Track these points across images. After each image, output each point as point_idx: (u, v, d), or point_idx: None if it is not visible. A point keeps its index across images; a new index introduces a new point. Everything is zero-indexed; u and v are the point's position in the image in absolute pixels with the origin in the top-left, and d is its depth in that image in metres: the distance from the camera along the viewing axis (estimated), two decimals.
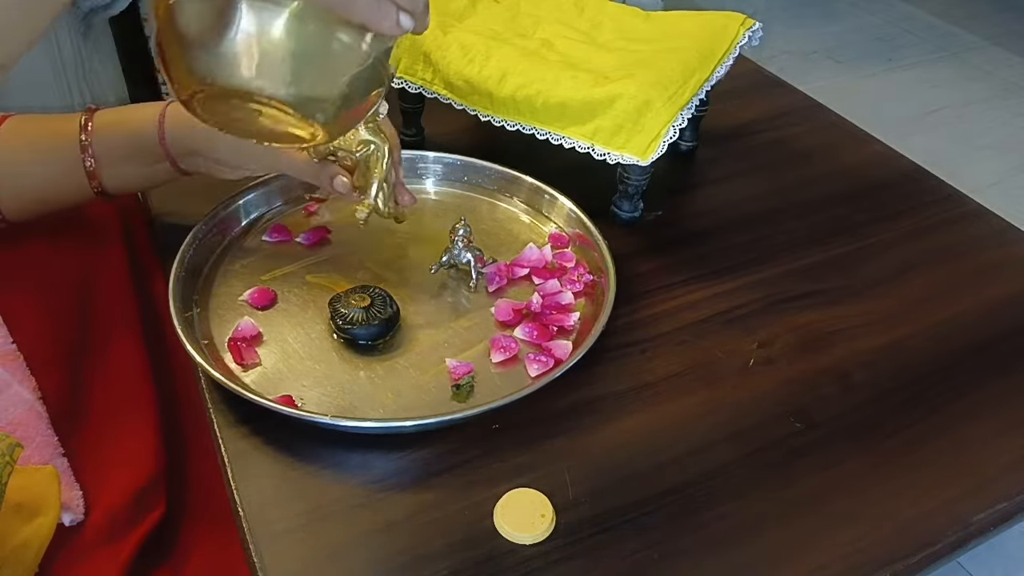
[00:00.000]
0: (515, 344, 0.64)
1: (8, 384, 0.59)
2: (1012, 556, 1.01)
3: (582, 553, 0.52)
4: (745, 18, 0.82)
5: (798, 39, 2.29)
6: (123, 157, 0.64)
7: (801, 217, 0.82)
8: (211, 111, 0.51)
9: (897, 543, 0.54)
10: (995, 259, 0.78)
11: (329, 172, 0.64)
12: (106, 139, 0.63)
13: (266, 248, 0.73)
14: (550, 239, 0.76)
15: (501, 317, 0.67)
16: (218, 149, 0.65)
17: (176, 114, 0.64)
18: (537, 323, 0.67)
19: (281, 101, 0.48)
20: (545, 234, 0.76)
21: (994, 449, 0.61)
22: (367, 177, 0.65)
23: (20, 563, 0.53)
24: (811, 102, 1.01)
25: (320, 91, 0.50)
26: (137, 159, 0.65)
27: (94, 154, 0.63)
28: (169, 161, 0.65)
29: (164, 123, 0.63)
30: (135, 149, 0.64)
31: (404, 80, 0.82)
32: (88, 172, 0.63)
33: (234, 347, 0.63)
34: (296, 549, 0.52)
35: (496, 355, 0.64)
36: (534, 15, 0.84)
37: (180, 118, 0.64)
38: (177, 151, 0.65)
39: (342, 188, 0.64)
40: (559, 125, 0.75)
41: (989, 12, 2.48)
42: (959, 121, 1.97)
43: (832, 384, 0.64)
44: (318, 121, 0.50)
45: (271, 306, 0.67)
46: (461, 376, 0.62)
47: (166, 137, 0.64)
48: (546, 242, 0.75)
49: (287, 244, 0.74)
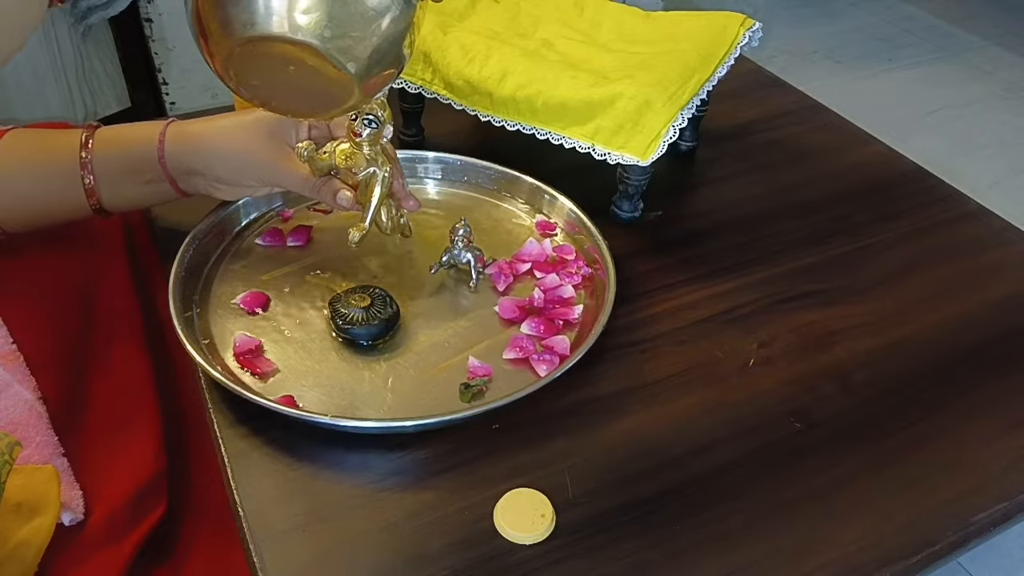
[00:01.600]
0: (532, 345, 0.64)
1: (8, 384, 0.59)
2: (1012, 556, 1.01)
3: (582, 553, 0.52)
4: (745, 18, 0.82)
5: (798, 39, 2.29)
6: (122, 175, 0.64)
7: (801, 217, 0.82)
8: (246, 75, 0.52)
9: (897, 543, 0.54)
10: (995, 259, 0.78)
11: (331, 187, 0.64)
12: (106, 156, 0.63)
13: (266, 248, 0.73)
14: (537, 227, 0.76)
15: (507, 315, 0.67)
16: (216, 168, 0.65)
17: (176, 133, 0.64)
18: (542, 318, 0.67)
19: (316, 46, 0.50)
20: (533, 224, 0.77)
21: (994, 449, 0.61)
22: (365, 199, 0.65)
23: (20, 562, 0.53)
24: (811, 102, 1.01)
25: (354, 34, 0.51)
26: (136, 177, 0.65)
27: (93, 171, 0.63)
28: (168, 181, 0.65)
29: (164, 142, 0.63)
30: (134, 167, 0.64)
31: (404, 80, 0.82)
32: (87, 189, 0.63)
33: (245, 362, 0.63)
34: (296, 549, 0.52)
35: (509, 352, 0.64)
36: (534, 15, 0.84)
37: (180, 136, 0.64)
38: (176, 171, 0.65)
39: (345, 203, 0.64)
40: (559, 125, 0.75)
41: (989, 12, 2.48)
42: (959, 121, 1.96)
43: (832, 384, 0.64)
44: (350, 71, 0.52)
45: (266, 307, 0.67)
46: (477, 376, 0.62)
47: (165, 155, 0.63)
48: (540, 234, 0.76)
49: (279, 246, 0.74)
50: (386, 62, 0.54)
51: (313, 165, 0.63)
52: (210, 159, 0.64)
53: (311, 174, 0.64)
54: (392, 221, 0.67)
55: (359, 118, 0.61)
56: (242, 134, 0.64)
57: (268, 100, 0.56)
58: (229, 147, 0.64)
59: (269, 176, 0.65)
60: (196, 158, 0.64)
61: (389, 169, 0.64)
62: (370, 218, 0.64)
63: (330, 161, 0.64)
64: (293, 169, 0.64)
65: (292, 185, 0.65)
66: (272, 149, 0.64)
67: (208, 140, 0.64)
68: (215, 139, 0.64)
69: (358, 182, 0.64)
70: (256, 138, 0.64)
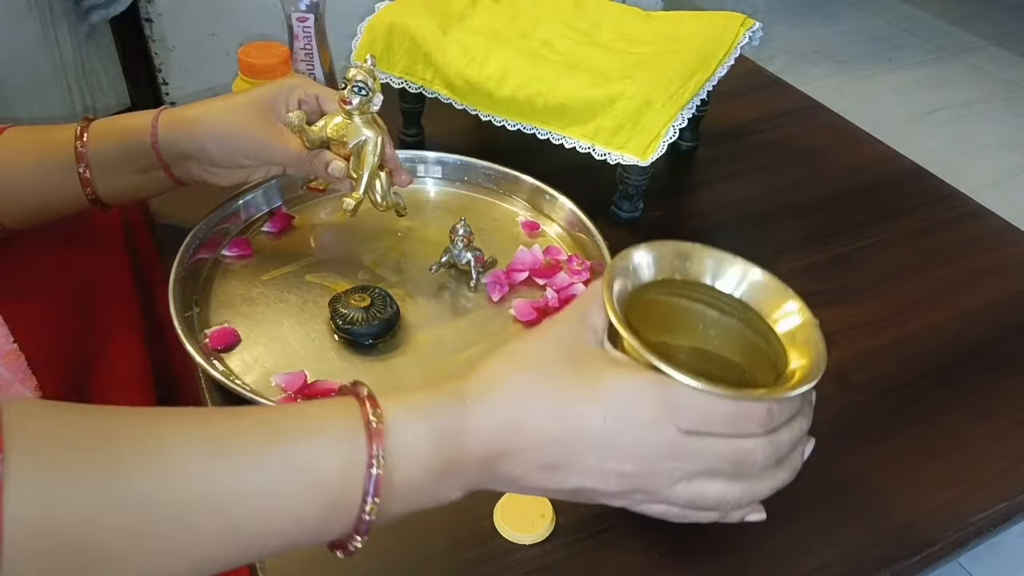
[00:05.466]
0: None
1: (9, 383, 0.59)
2: (1012, 556, 1.01)
3: (582, 553, 0.52)
4: (745, 18, 0.82)
5: (798, 39, 2.29)
6: (117, 164, 0.64)
7: (801, 217, 0.82)
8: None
9: (897, 543, 0.54)
10: (995, 259, 0.78)
11: (323, 159, 0.64)
12: (100, 147, 0.63)
13: (266, 248, 0.73)
14: (523, 226, 0.77)
15: (523, 317, 0.67)
16: (210, 148, 0.64)
17: (169, 119, 0.64)
18: None
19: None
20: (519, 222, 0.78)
21: (994, 449, 0.61)
22: (359, 169, 0.65)
23: None
24: (811, 102, 1.01)
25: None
26: (130, 165, 0.65)
27: (88, 162, 0.63)
28: (163, 167, 0.65)
29: (157, 128, 0.63)
30: (128, 155, 0.64)
31: (404, 80, 0.82)
32: (82, 180, 0.63)
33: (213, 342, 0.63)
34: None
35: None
36: (534, 15, 0.84)
37: (173, 121, 0.64)
38: (170, 156, 0.65)
39: (337, 172, 0.64)
40: (559, 125, 0.75)
41: (989, 12, 2.48)
42: (959, 121, 1.97)
43: (832, 384, 0.64)
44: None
45: (233, 346, 0.65)
46: None
47: (159, 142, 0.63)
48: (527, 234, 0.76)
49: (276, 240, 0.74)
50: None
51: (304, 136, 0.64)
52: (203, 140, 0.64)
53: (302, 148, 0.64)
54: (385, 194, 0.67)
55: (348, 86, 0.62)
56: (233, 114, 0.64)
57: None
58: (220, 126, 0.64)
59: (261, 152, 0.65)
60: (189, 141, 0.64)
61: (380, 137, 0.64)
62: (364, 185, 0.65)
63: (321, 134, 0.64)
64: (284, 144, 0.64)
65: (284, 159, 0.66)
66: (263, 126, 0.64)
67: (200, 122, 0.64)
68: (206, 120, 0.64)
69: (350, 152, 0.64)
70: (246, 117, 0.64)
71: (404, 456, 0.38)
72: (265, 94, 0.65)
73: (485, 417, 0.40)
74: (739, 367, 0.47)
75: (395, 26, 0.80)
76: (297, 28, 0.82)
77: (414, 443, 0.39)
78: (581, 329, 0.43)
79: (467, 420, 0.40)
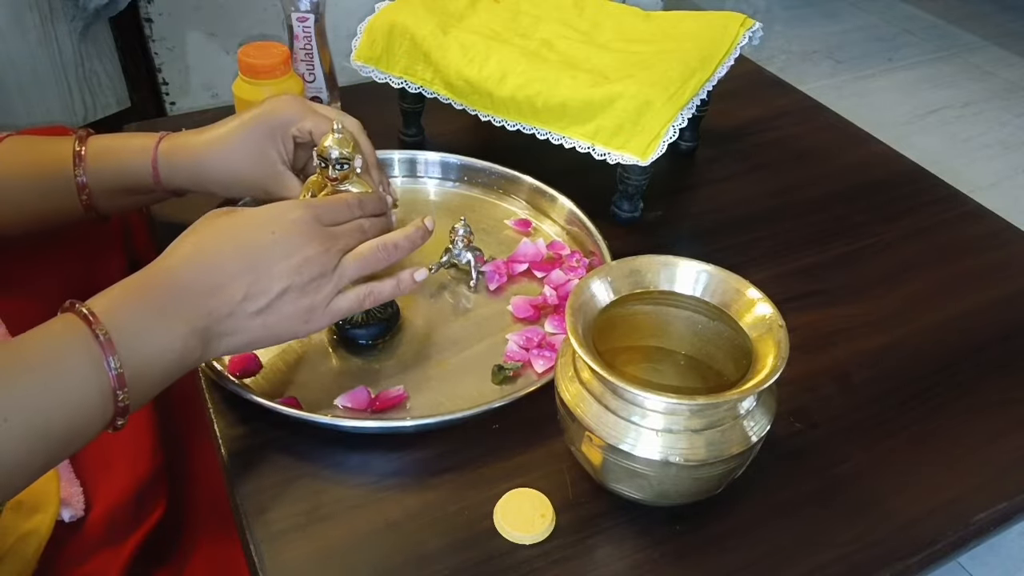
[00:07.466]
0: (534, 343, 0.65)
1: None
2: (1012, 556, 1.01)
3: (582, 553, 0.52)
4: (745, 18, 0.82)
5: (798, 39, 2.29)
6: (118, 190, 0.65)
7: (801, 217, 0.82)
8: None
9: (897, 543, 0.54)
10: (995, 259, 0.78)
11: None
12: (100, 174, 0.64)
13: None
14: (514, 225, 0.77)
15: (521, 314, 0.67)
16: (209, 187, 0.66)
17: (169, 151, 0.64)
18: (562, 315, 0.67)
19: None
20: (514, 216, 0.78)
21: (994, 449, 0.61)
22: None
23: (20, 558, 0.53)
24: (811, 102, 1.01)
25: None
26: (132, 190, 0.66)
27: (89, 188, 0.64)
28: (163, 192, 0.67)
29: (157, 162, 0.64)
30: (130, 184, 0.65)
31: (404, 80, 0.82)
32: (84, 204, 0.64)
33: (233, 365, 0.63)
34: (296, 549, 0.52)
35: (511, 351, 0.64)
36: (534, 15, 0.84)
37: (172, 155, 0.64)
38: (171, 186, 0.66)
39: None
40: (559, 125, 0.75)
41: (989, 12, 2.48)
42: (959, 121, 1.97)
43: (832, 384, 0.64)
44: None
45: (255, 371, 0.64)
46: (512, 360, 0.63)
47: (161, 177, 0.65)
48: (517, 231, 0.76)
49: None
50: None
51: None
52: (205, 184, 0.66)
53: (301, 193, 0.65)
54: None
55: (329, 166, 0.59)
56: (232, 154, 0.65)
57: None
58: (221, 175, 0.65)
59: (262, 195, 0.66)
60: (189, 179, 0.65)
61: (367, 187, 0.63)
62: None
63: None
64: (285, 188, 0.65)
65: (288, 194, 0.66)
66: (262, 169, 0.65)
67: (199, 160, 0.65)
68: (206, 159, 0.65)
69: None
70: (246, 158, 0.65)
71: (130, 337, 0.47)
72: (260, 136, 0.65)
73: (173, 256, 0.51)
74: None
75: (395, 26, 0.80)
76: (297, 28, 0.82)
77: (132, 321, 0.47)
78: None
79: (161, 263, 0.50)
